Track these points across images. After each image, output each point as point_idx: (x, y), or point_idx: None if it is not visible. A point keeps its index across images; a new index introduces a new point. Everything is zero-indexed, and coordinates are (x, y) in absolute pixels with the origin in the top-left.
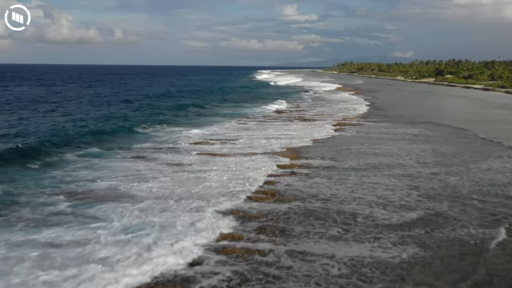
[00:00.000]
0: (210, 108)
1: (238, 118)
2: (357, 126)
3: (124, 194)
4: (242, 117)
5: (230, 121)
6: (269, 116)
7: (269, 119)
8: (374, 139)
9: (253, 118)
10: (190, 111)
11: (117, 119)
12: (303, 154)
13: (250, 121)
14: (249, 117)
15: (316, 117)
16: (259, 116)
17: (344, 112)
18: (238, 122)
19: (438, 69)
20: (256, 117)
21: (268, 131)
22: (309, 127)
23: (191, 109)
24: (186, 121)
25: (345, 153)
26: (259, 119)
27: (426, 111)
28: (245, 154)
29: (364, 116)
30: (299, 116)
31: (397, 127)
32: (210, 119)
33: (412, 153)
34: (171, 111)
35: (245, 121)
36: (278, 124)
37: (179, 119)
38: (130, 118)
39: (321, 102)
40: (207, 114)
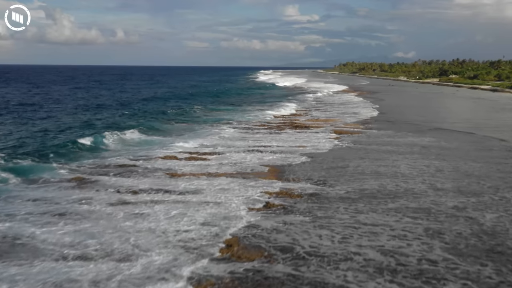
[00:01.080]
0: (197, 114)
1: (224, 125)
2: (356, 134)
3: (20, 247)
4: (230, 124)
5: (215, 128)
6: (262, 122)
7: (261, 126)
8: (375, 152)
9: (243, 125)
10: (173, 117)
11: (81, 127)
12: (287, 174)
13: (238, 129)
14: (239, 124)
15: (313, 124)
16: (250, 123)
17: (344, 117)
18: (223, 130)
19: (442, 69)
20: (247, 124)
21: (255, 142)
22: (303, 136)
23: (175, 114)
24: (163, 128)
25: (339, 172)
26: (249, 126)
27: (434, 115)
28: (214, 175)
29: (365, 122)
30: (294, 122)
31: (403, 136)
32: (193, 127)
33: (424, 173)
34: (152, 116)
35: (232, 129)
36: (270, 132)
37: (156, 126)
38: (97, 125)
39: (321, 105)
40: (192, 120)
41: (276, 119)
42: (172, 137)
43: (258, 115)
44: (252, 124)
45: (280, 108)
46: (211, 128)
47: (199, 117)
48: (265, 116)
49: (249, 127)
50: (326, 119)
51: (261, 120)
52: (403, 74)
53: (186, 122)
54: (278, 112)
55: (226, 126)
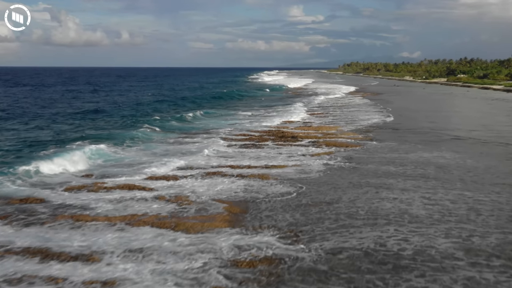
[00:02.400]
0: (190, 122)
1: (215, 136)
2: (353, 148)
3: None
4: (222, 134)
5: (203, 142)
6: (247, 135)
7: (243, 136)
8: (375, 177)
9: (235, 136)
10: (159, 125)
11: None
12: (248, 218)
13: (231, 142)
14: (231, 135)
15: (303, 133)
16: (232, 136)
17: (342, 123)
18: (209, 145)
19: (449, 68)
20: (227, 137)
21: (226, 161)
22: (289, 152)
23: (164, 121)
24: (144, 139)
25: (322, 213)
26: (228, 139)
27: (447, 120)
28: (136, 221)
29: (365, 129)
30: (284, 134)
31: (412, 149)
32: (178, 140)
33: (449, 216)
34: (138, 123)
35: (222, 141)
36: (253, 145)
37: (138, 136)
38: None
39: (317, 109)
40: (181, 129)
41: (265, 130)
42: (145, 155)
43: (257, 122)
44: (237, 136)
45: (277, 115)
46: (199, 142)
47: (190, 126)
48: (260, 123)
49: (233, 139)
50: (319, 127)
51: (248, 133)
52: (408, 74)
53: (172, 131)
54: (275, 120)
55: (217, 137)
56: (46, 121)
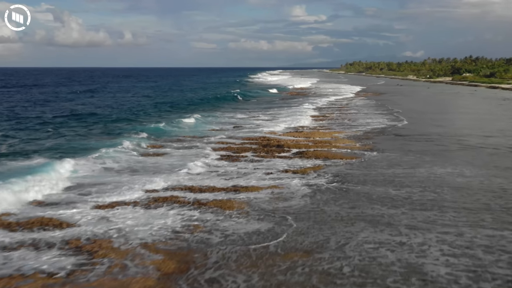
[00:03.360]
0: (178, 131)
1: (185, 146)
2: (347, 160)
3: None
4: (198, 145)
5: (170, 150)
6: (226, 143)
7: (220, 149)
8: (372, 205)
9: (212, 148)
10: (140, 134)
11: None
12: (184, 284)
13: (198, 157)
14: (205, 145)
15: (295, 141)
16: (217, 145)
17: (338, 127)
18: (181, 153)
19: (454, 67)
20: (216, 147)
21: (190, 180)
22: (268, 167)
23: (150, 132)
24: (93, 159)
25: (288, 276)
26: (217, 149)
27: (456, 123)
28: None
29: (365, 136)
30: (269, 142)
31: (420, 162)
32: (155, 159)
33: (488, 284)
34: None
35: (213, 152)
36: (221, 159)
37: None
38: None
39: (321, 112)
40: (167, 142)
41: (254, 135)
42: (113, 173)
43: (255, 129)
44: (224, 142)
45: (275, 119)
46: (181, 155)
47: (180, 133)
48: (253, 130)
49: (217, 148)
50: (312, 133)
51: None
52: (412, 73)
53: (156, 139)
54: (271, 125)
55: (205, 147)
56: (10, 126)
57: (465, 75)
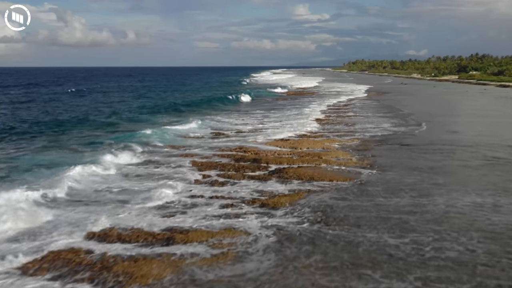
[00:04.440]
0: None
1: (164, 164)
2: (339, 185)
3: None
4: (179, 163)
5: (146, 170)
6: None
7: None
8: (364, 271)
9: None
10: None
11: None
12: None
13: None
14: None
15: (278, 153)
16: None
17: (333, 135)
18: (157, 176)
19: (460, 65)
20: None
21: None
22: (230, 194)
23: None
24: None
25: None
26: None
27: (473, 128)
28: None
29: (364, 146)
30: (245, 155)
31: (431, 186)
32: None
33: None
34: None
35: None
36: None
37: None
38: None
39: (325, 115)
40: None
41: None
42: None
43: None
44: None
45: (272, 125)
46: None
47: (165, 146)
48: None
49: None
50: (300, 141)
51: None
52: (416, 71)
53: (134, 154)
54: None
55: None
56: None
57: (472, 73)
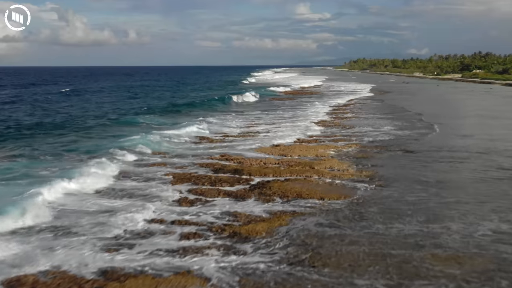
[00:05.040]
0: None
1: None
2: (331, 207)
3: None
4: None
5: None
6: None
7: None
8: None
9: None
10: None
11: None
12: None
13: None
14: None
15: (264, 162)
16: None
17: (332, 141)
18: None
19: (463, 63)
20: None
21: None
22: (198, 219)
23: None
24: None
25: None
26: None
27: (488, 131)
28: None
29: (364, 153)
30: (226, 165)
31: (448, 208)
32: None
33: None
34: None
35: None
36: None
37: None
38: None
39: (315, 120)
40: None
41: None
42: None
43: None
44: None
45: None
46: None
47: (147, 157)
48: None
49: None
50: (293, 147)
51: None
52: (418, 70)
53: (109, 172)
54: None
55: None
56: None
57: (476, 71)
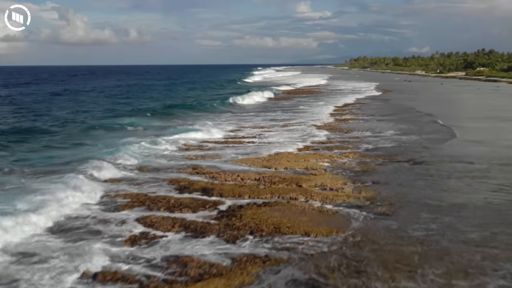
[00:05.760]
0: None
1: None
2: (316, 250)
3: None
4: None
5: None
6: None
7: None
8: None
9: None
10: None
11: None
12: None
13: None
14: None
15: (242, 177)
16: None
17: (327, 149)
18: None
19: (466, 61)
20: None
21: None
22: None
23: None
24: None
25: None
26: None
27: (506, 135)
28: None
29: (364, 166)
30: (194, 181)
31: (473, 252)
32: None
33: None
34: None
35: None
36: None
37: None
38: None
39: (315, 123)
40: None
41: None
42: None
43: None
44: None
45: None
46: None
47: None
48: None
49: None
50: (275, 157)
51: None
52: (420, 68)
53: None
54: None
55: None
56: None
57: (480, 69)
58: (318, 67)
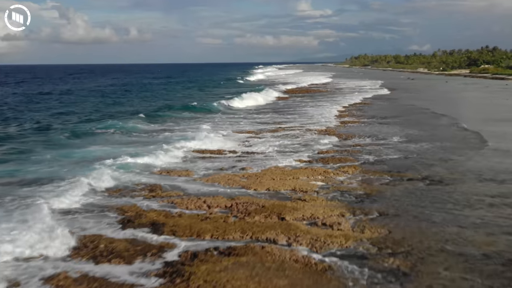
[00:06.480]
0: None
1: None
2: None
3: None
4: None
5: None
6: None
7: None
8: None
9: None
10: None
11: None
12: None
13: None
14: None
15: (208, 210)
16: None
17: (322, 162)
18: None
19: (470, 58)
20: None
21: None
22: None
23: None
24: None
25: None
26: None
27: None
28: None
29: (368, 187)
30: (145, 212)
31: None
32: None
33: None
34: None
35: None
36: None
37: None
38: None
39: (315, 127)
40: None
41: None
42: None
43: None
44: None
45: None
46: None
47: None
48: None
49: None
50: (259, 174)
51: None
52: (422, 65)
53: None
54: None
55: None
56: None
57: (485, 66)
58: (319, 65)
